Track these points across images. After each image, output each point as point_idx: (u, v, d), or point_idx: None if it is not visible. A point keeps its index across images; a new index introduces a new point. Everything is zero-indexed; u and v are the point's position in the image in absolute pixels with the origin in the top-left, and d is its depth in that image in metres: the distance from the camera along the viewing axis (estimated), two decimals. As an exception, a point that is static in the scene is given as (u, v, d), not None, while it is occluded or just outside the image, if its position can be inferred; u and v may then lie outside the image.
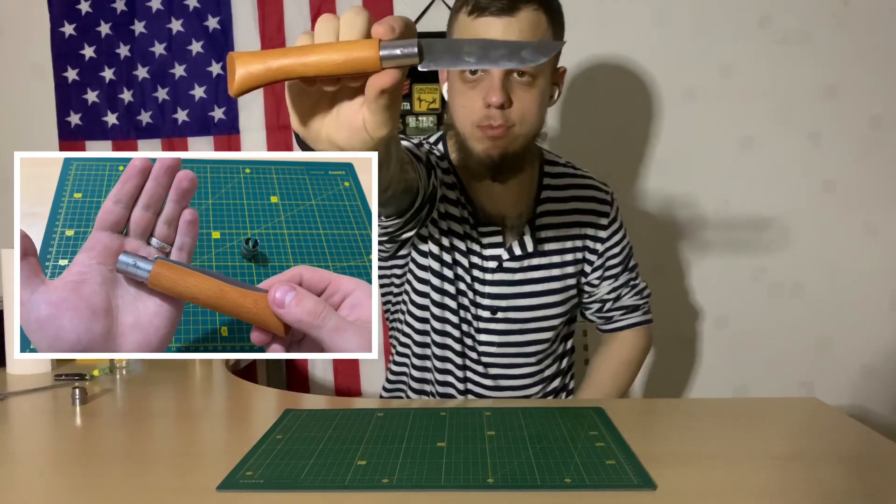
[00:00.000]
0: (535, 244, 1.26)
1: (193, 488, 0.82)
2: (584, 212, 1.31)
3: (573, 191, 1.32)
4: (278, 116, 1.99)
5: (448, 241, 1.24)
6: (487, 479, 0.81)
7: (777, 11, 1.92)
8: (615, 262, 1.35)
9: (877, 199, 1.96)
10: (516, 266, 1.26)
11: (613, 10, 1.93)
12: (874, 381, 2.00)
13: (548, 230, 1.29)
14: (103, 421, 1.08)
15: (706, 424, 1.02)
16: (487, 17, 1.08)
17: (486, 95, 1.10)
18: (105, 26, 1.99)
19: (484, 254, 1.25)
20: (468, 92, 1.13)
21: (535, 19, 1.10)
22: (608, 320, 1.39)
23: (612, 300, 1.37)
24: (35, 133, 2.03)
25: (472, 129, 1.14)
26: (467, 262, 1.26)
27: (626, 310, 1.38)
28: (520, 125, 1.13)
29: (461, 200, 1.24)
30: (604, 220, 1.32)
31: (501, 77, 1.09)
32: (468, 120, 1.14)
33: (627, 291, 1.37)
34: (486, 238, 1.25)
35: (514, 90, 1.11)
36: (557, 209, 1.29)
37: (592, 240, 1.32)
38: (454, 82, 1.15)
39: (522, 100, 1.12)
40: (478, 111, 1.12)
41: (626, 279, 1.37)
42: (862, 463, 0.88)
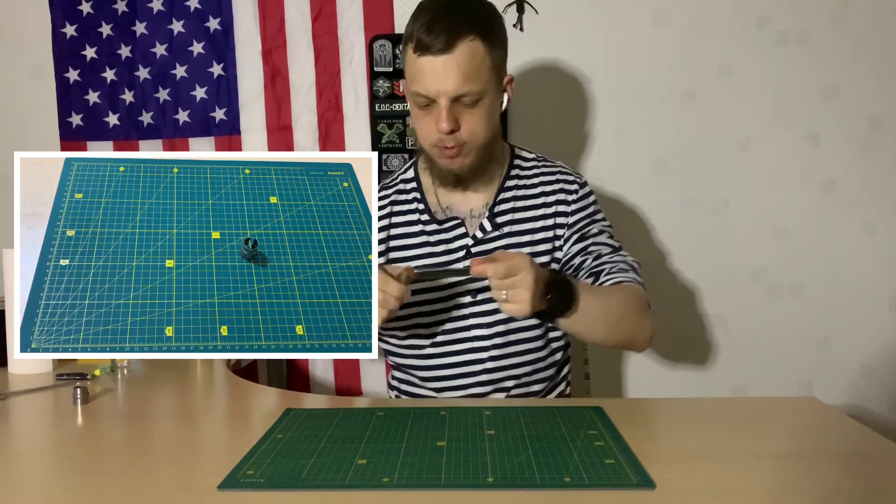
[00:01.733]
0: (493, 226, 1.33)
1: (194, 487, 0.82)
2: (551, 194, 1.36)
3: (541, 177, 1.38)
4: (279, 117, 1.99)
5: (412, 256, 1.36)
6: (487, 479, 0.82)
7: (776, 12, 1.92)
8: (586, 223, 1.35)
9: (876, 199, 1.96)
10: (483, 249, 1.32)
11: (613, 10, 1.93)
12: (873, 380, 2.00)
13: (510, 213, 1.35)
14: (104, 420, 1.09)
15: (705, 424, 1.03)
16: (429, 56, 1.20)
17: (437, 123, 1.23)
18: (106, 27, 2.00)
19: (451, 247, 1.34)
20: (424, 117, 1.26)
21: (472, 49, 1.20)
22: (596, 276, 1.31)
23: (593, 256, 1.32)
24: (36, 133, 2.03)
25: (432, 148, 1.28)
26: (436, 258, 1.34)
27: (612, 266, 1.31)
28: (471, 141, 1.26)
29: (419, 210, 1.37)
30: (571, 197, 1.36)
31: (447, 106, 1.22)
32: (426, 141, 1.28)
33: (609, 251, 1.33)
34: (450, 232, 1.34)
35: (461, 114, 1.23)
36: (523, 194, 1.37)
37: (563, 216, 1.35)
38: (412, 108, 1.29)
39: (469, 121, 1.24)
40: (433, 134, 1.25)
41: (605, 241, 1.34)
42: (861, 462, 0.88)
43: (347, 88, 1.97)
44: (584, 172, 1.97)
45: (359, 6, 1.95)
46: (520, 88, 1.93)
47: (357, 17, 1.95)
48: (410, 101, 1.28)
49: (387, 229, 1.38)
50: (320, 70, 1.97)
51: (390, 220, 1.38)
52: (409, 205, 1.39)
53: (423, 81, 1.21)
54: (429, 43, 1.20)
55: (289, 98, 1.99)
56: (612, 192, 1.97)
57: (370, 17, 1.95)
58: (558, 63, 1.94)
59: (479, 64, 1.21)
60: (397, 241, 1.37)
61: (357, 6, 1.95)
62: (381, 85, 1.94)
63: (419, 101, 1.24)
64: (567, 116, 1.95)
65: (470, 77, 1.20)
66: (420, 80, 1.22)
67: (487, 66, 1.23)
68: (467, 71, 1.20)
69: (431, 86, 1.21)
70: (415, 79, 1.23)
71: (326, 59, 1.97)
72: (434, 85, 1.20)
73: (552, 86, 1.95)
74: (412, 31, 1.23)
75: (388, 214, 1.39)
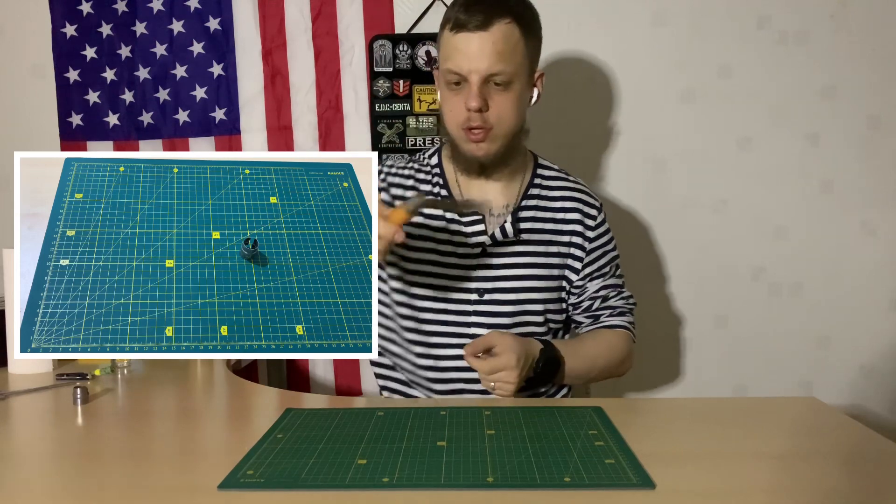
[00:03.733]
0: (515, 231, 1.34)
1: (194, 487, 0.82)
2: (571, 210, 1.39)
3: (562, 192, 1.40)
4: (279, 117, 1.99)
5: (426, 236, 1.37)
6: (487, 478, 0.82)
7: (775, 12, 1.92)
8: (603, 262, 1.41)
9: (875, 199, 1.96)
10: (499, 251, 1.34)
11: (612, 10, 1.93)
12: (873, 380, 2.01)
13: (531, 221, 1.36)
14: (104, 420, 1.09)
15: (705, 424, 1.03)
16: (465, 32, 1.22)
17: (467, 101, 1.24)
18: (106, 27, 2.00)
19: (469, 242, 1.34)
20: (453, 98, 1.27)
21: (508, 32, 1.23)
22: (595, 319, 1.41)
23: (601, 299, 1.40)
24: (36, 133, 2.03)
25: (458, 131, 1.29)
26: (451, 249, 1.35)
27: (612, 311, 1.41)
28: (498, 126, 1.27)
29: (441, 194, 1.38)
30: (591, 222, 1.39)
31: (479, 84, 1.23)
32: (454, 122, 1.29)
33: (615, 294, 1.41)
34: (470, 227, 1.34)
35: (491, 95, 1.25)
36: (544, 205, 1.38)
37: (581, 238, 1.38)
38: (442, 90, 1.30)
39: (499, 103, 1.25)
40: (461, 114, 1.26)
41: (613, 282, 1.42)
42: (860, 462, 0.88)
43: (347, 88, 1.97)
44: (583, 172, 1.97)
45: (359, 6, 1.95)
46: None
47: (357, 17, 1.95)
48: (441, 82, 1.29)
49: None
50: (320, 70, 1.97)
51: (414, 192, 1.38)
52: (431, 186, 1.39)
53: (456, 58, 1.23)
54: (465, 20, 1.21)
55: (289, 98, 1.99)
56: (612, 192, 1.97)
57: (370, 17, 1.95)
58: (558, 63, 1.94)
59: (514, 46, 1.23)
60: (416, 216, 1.34)
61: (357, 6, 1.95)
62: (381, 85, 1.94)
63: (450, 78, 1.25)
64: (567, 116, 1.95)
65: (504, 57, 1.22)
66: (454, 58, 1.24)
67: (521, 51, 1.24)
68: (502, 49, 1.22)
69: (464, 63, 1.22)
70: (449, 56, 1.25)
71: (326, 59, 1.97)
72: (467, 62, 1.22)
73: (552, 86, 1.94)
74: (450, 14, 1.25)
75: (412, 187, 1.39)
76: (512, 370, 1.17)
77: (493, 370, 1.18)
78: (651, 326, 1.92)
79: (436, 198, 1.36)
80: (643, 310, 1.58)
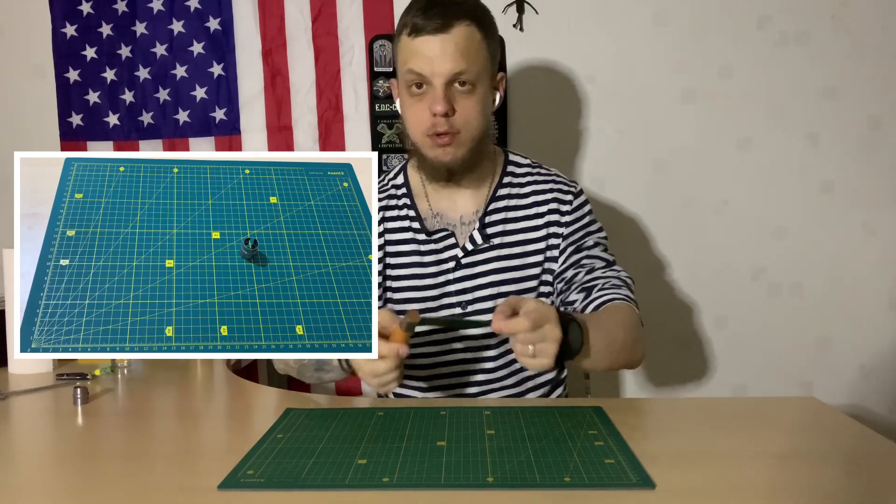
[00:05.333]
0: (483, 238, 1.30)
1: (195, 487, 0.82)
2: (544, 203, 1.33)
3: (533, 185, 1.35)
4: (279, 117, 1.99)
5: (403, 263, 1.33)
6: (487, 478, 0.82)
7: (775, 12, 1.92)
8: (581, 235, 1.32)
9: (875, 200, 1.96)
10: (473, 261, 1.31)
11: (613, 10, 1.93)
12: (872, 380, 2.01)
13: (501, 224, 1.32)
14: (105, 420, 1.09)
15: (705, 424, 1.03)
16: (424, 36, 1.18)
17: (431, 105, 1.20)
18: (106, 27, 2.00)
19: (442, 257, 1.31)
20: (416, 104, 1.23)
21: (469, 33, 1.19)
22: (587, 292, 1.25)
23: (586, 269, 1.28)
24: (36, 133, 2.03)
25: (423, 138, 1.24)
26: (427, 269, 1.32)
27: (605, 282, 1.26)
28: (465, 130, 1.23)
29: (410, 217, 1.34)
30: (566, 207, 1.33)
31: (443, 88, 1.19)
32: (418, 130, 1.24)
33: (602, 265, 1.29)
34: (440, 242, 1.32)
35: (456, 99, 1.21)
36: (515, 204, 1.33)
37: (556, 226, 1.32)
38: (403, 97, 1.26)
39: (464, 107, 1.22)
40: (425, 121, 1.22)
41: (599, 254, 1.31)
42: (860, 462, 0.88)
43: (347, 88, 1.97)
44: (583, 172, 1.97)
45: (359, 6, 1.95)
46: (519, 88, 1.93)
47: (357, 17, 1.95)
48: (402, 86, 1.25)
49: (381, 235, 1.35)
50: (320, 70, 1.98)
51: (383, 226, 1.36)
52: (399, 211, 1.36)
53: (417, 61, 1.19)
54: (423, 24, 1.18)
55: (289, 98, 1.99)
56: (612, 193, 1.97)
57: (370, 17, 1.95)
58: (558, 63, 1.94)
59: (476, 47, 1.21)
60: (391, 246, 1.35)
61: (357, 6, 1.95)
62: (381, 85, 1.94)
63: (411, 78, 1.21)
64: (567, 116, 1.95)
65: (467, 57, 1.19)
66: (414, 59, 1.20)
67: (483, 53, 1.22)
68: (464, 50, 1.19)
69: (426, 66, 1.19)
70: (408, 59, 1.20)
71: (326, 59, 1.97)
72: (429, 65, 1.19)
73: (552, 86, 1.95)
74: (406, 20, 1.21)
75: (381, 220, 1.36)
76: (555, 324, 1.00)
77: (536, 326, 0.99)
78: (651, 326, 1.91)
79: (427, 313, 1.27)
80: (643, 310, 1.58)
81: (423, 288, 1.33)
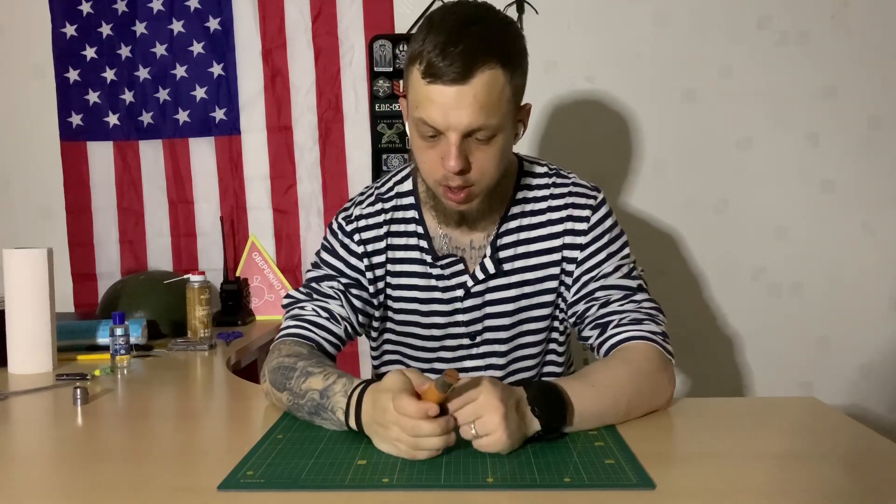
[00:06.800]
0: (495, 265, 1.19)
1: (194, 488, 0.82)
2: (559, 221, 1.21)
3: (549, 201, 1.22)
4: (279, 117, 1.99)
5: (408, 285, 1.23)
6: (487, 479, 0.82)
7: (776, 13, 1.92)
8: (598, 260, 1.19)
9: (875, 200, 1.96)
10: (483, 288, 1.21)
11: (613, 10, 1.93)
12: (872, 380, 2.01)
13: (512, 248, 1.21)
14: (104, 420, 1.09)
15: (705, 424, 1.03)
16: (440, 85, 1.01)
17: (445, 160, 1.05)
18: (106, 27, 2.00)
19: (451, 283, 1.21)
20: (427, 150, 1.08)
21: (491, 79, 1.02)
22: (602, 329, 1.14)
23: (599, 304, 1.16)
24: (36, 133, 2.03)
25: (436, 186, 1.11)
26: (435, 296, 1.22)
27: (621, 317, 1.13)
28: (480, 182, 1.09)
29: (418, 234, 1.22)
30: (582, 225, 1.20)
31: (458, 142, 1.04)
32: (429, 175, 1.11)
33: (619, 297, 1.16)
34: (448, 269, 1.20)
35: (472, 151, 1.06)
36: (528, 223, 1.21)
37: (571, 249, 1.20)
38: (415, 137, 1.09)
39: (480, 159, 1.07)
40: (437, 170, 1.08)
41: (617, 283, 1.17)
42: (860, 462, 0.88)
43: (347, 88, 1.97)
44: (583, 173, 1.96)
45: (359, 6, 1.95)
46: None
47: (357, 17, 1.95)
48: (413, 127, 1.08)
49: (383, 252, 1.22)
50: (320, 70, 1.98)
51: (387, 242, 1.22)
52: (406, 225, 1.22)
53: (430, 111, 1.03)
54: (441, 70, 1.01)
55: (289, 98, 1.99)
56: (613, 193, 1.97)
57: (370, 17, 1.95)
58: (558, 63, 1.94)
59: (498, 95, 1.03)
60: (396, 265, 1.22)
61: (357, 6, 1.95)
62: (381, 85, 1.94)
63: (424, 130, 1.05)
64: (567, 117, 1.95)
65: (487, 110, 1.02)
66: (427, 109, 1.03)
67: (507, 97, 1.04)
68: (484, 103, 1.02)
69: (441, 118, 1.02)
70: (421, 105, 1.04)
71: (326, 59, 1.97)
72: (444, 118, 1.02)
73: (552, 86, 1.95)
74: (421, 50, 1.03)
75: (386, 235, 1.22)
76: (489, 395, 0.87)
77: (475, 415, 0.88)
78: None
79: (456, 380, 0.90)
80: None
81: (429, 314, 1.23)
